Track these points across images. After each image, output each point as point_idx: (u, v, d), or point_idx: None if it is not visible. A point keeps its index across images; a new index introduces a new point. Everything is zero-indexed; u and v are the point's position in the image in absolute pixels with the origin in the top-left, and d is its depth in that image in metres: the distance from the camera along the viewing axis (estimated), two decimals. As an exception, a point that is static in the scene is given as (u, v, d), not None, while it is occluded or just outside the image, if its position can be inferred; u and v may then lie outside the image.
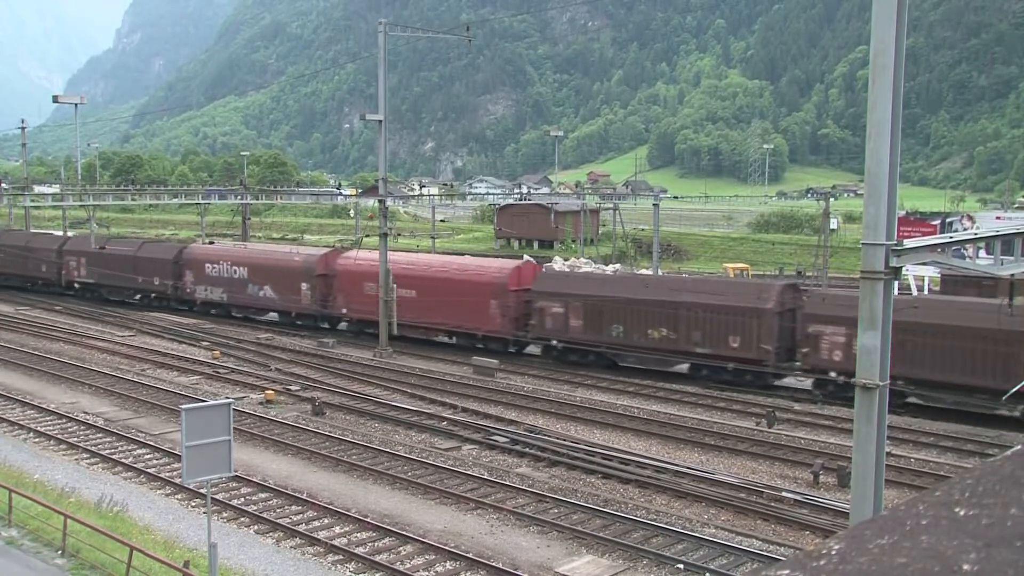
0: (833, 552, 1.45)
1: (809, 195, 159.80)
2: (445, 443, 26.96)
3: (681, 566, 18.04)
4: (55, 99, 78.44)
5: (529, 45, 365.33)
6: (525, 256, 48.88)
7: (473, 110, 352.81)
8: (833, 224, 69.79)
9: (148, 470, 23.82)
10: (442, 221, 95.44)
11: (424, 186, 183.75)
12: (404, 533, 19.49)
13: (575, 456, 25.13)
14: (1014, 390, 25.19)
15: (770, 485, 22.88)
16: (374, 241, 50.02)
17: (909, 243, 13.06)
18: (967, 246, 16.32)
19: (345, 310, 44.24)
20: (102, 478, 23.28)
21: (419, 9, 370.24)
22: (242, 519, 20.47)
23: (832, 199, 62.54)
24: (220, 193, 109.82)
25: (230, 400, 17.10)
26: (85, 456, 25.17)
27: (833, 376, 30.73)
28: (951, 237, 15.39)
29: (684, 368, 35.19)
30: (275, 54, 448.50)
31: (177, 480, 21.54)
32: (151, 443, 26.26)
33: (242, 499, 21.71)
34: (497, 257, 55.50)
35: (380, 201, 42.06)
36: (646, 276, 42.37)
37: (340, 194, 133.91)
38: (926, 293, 45.38)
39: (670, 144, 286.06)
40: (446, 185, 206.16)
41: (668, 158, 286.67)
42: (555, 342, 37.26)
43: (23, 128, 76.07)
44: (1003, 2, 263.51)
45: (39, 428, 27.68)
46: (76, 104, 71.95)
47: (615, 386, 34.21)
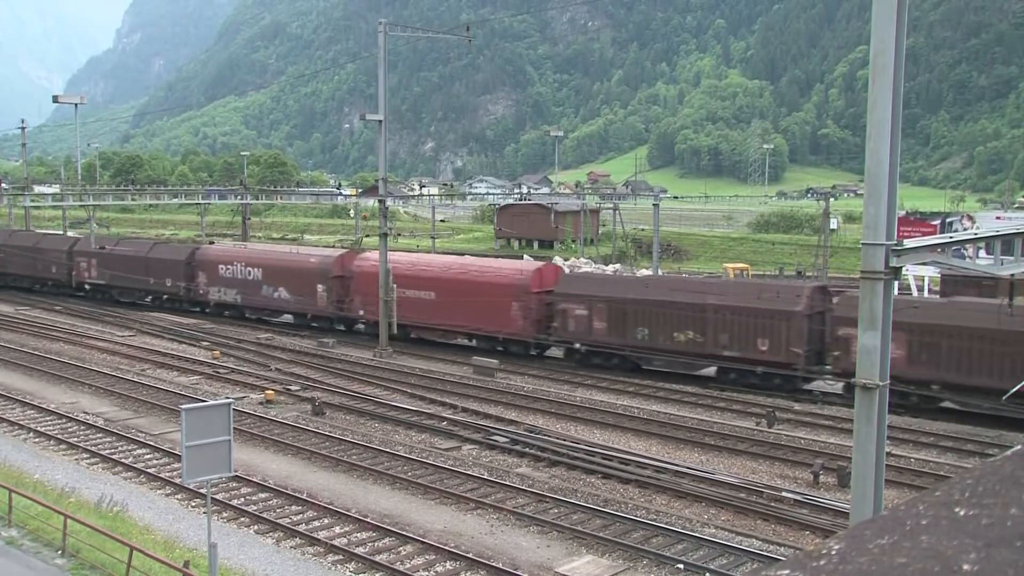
0: (833, 552, 1.46)
1: (809, 195, 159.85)
2: (445, 443, 26.96)
3: (681, 566, 18.04)
4: (55, 99, 78.51)
5: (529, 45, 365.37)
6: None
7: (473, 110, 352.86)
8: (833, 224, 69.82)
9: (148, 470, 23.83)
10: (442, 221, 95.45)
11: (424, 186, 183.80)
12: (404, 533, 19.49)
13: (575, 456, 25.13)
14: (1014, 390, 25.19)
15: (770, 485, 22.88)
16: (374, 241, 50.03)
17: (909, 243, 13.07)
18: (967, 246, 16.31)
19: (362, 312, 43.13)
20: (102, 478, 23.28)
21: (419, 9, 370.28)
22: (242, 519, 20.48)
23: (832, 199, 62.63)
24: (220, 193, 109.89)
25: (230, 400, 17.11)
26: (85, 456, 25.18)
27: None
28: (951, 237, 15.39)
29: (711, 371, 34.45)
30: (275, 54, 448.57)
31: (177, 480, 21.55)
32: (151, 443, 26.27)
33: (242, 499, 21.71)
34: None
35: (380, 201, 42.03)
36: (672, 278, 41.49)
37: (340, 194, 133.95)
38: (926, 294, 45.39)
39: (670, 144, 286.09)
40: (446, 185, 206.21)
41: (668, 158, 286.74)
42: (578, 345, 36.41)
43: (23, 128, 76.07)
44: (1003, 2, 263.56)
45: (39, 428, 27.68)
46: (76, 104, 72.00)
47: (615, 386, 34.19)
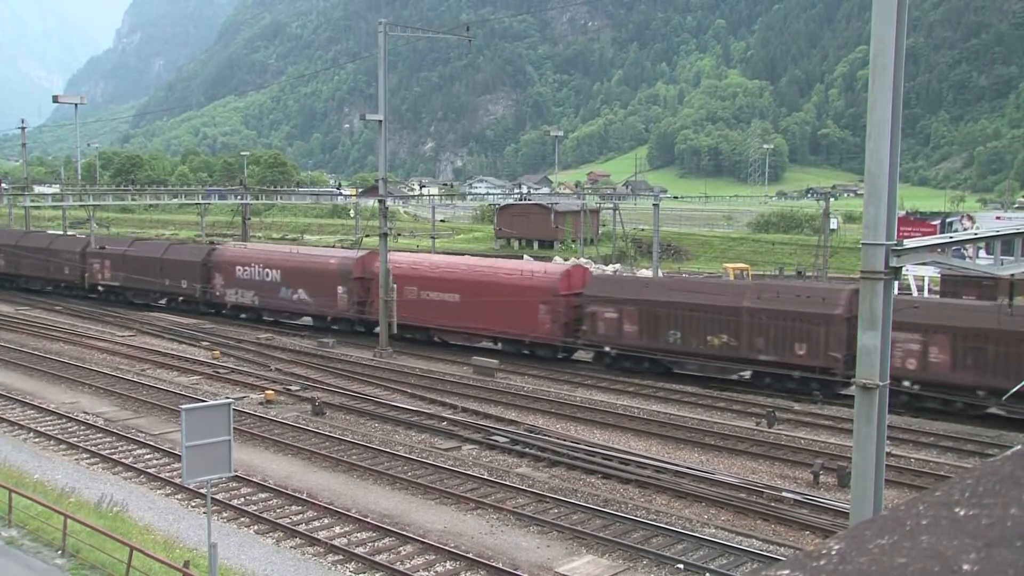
0: (833, 552, 1.46)
1: (809, 195, 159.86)
2: (445, 443, 26.96)
3: (681, 566, 18.04)
4: (55, 99, 78.67)
5: (529, 45, 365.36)
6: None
7: (473, 110, 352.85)
8: (833, 224, 69.84)
9: (148, 470, 23.83)
10: (442, 221, 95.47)
11: (424, 186, 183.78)
12: (404, 533, 19.49)
13: (575, 456, 25.13)
14: (1014, 390, 25.18)
15: (770, 485, 22.89)
16: (374, 241, 50.00)
17: (909, 243, 13.07)
18: (967, 246, 16.30)
19: None
20: (102, 478, 23.28)
21: (419, 9, 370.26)
22: (242, 519, 20.48)
23: (832, 199, 62.61)
24: (220, 193, 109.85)
25: (230, 400, 17.11)
26: (85, 456, 25.18)
27: (907, 386, 28.98)
28: (951, 237, 15.39)
29: (746, 376, 33.89)
30: (275, 54, 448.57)
31: (177, 480, 21.55)
32: (151, 443, 26.27)
33: (242, 499, 21.72)
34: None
35: (380, 201, 42.02)
36: (706, 280, 41.06)
37: (340, 194, 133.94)
38: (925, 294, 45.40)
39: (670, 144, 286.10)
40: (446, 185, 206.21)
41: (668, 158, 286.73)
42: (608, 348, 35.80)
43: (23, 128, 76.04)
44: (1003, 2, 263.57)
45: (39, 428, 27.68)
46: (76, 104, 72.08)
47: (615, 386, 34.21)
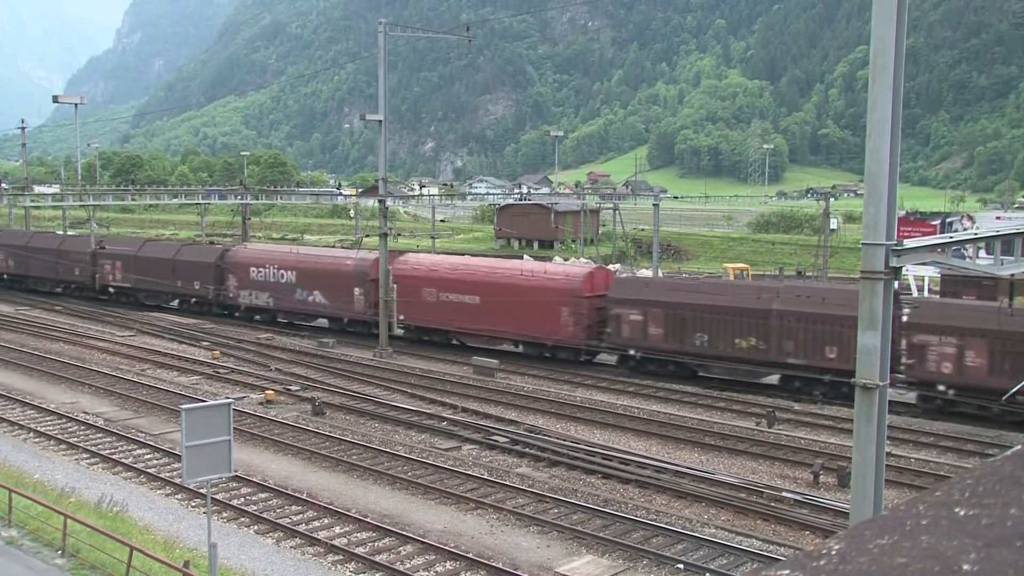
0: (833, 552, 1.46)
1: (809, 195, 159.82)
2: (445, 443, 26.97)
3: (681, 566, 18.04)
4: (55, 99, 78.63)
5: (529, 45, 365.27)
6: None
7: (473, 110, 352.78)
8: (833, 224, 69.83)
9: (148, 470, 23.83)
10: (442, 221, 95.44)
11: (424, 186, 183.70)
12: (404, 533, 19.50)
13: (575, 456, 25.13)
14: (1014, 390, 25.18)
15: (770, 485, 22.89)
16: (374, 241, 50.00)
17: (909, 243, 13.07)
18: (967, 246, 16.30)
19: (402, 316, 41.46)
20: (102, 478, 23.28)
21: (419, 9, 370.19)
22: (242, 519, 20.48)
23: (832, 199, 62.60)
24: (220, 193, 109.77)
25: (230, 400, 17.11)
26: (85, 456, 25.18)
27: (941, 390, 28.63)
28: (951, 237, 15.39)
29: (774, 379, 33.34)
30: (275, 54, 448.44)
31: (177, 480, 21.55)
32: (151, 443, 26.27)
33: (242, 499, 21.72)
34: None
35: (380, 201, 42.02)
36: (733, 282, 40.68)
37: (340, 194, 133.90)
38: (926, 294, 45.41)
39: (670, 144, 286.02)
40: (446, 185, 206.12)
41: (668, 158, 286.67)
42: (633, 351, 35.43)
43: (23, 128, 76.08)
44: (1003, 2, 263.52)
45: (39, 428, 27.68)
46: (76, 104, 72.05)
47: (615, 386, 34.22)
